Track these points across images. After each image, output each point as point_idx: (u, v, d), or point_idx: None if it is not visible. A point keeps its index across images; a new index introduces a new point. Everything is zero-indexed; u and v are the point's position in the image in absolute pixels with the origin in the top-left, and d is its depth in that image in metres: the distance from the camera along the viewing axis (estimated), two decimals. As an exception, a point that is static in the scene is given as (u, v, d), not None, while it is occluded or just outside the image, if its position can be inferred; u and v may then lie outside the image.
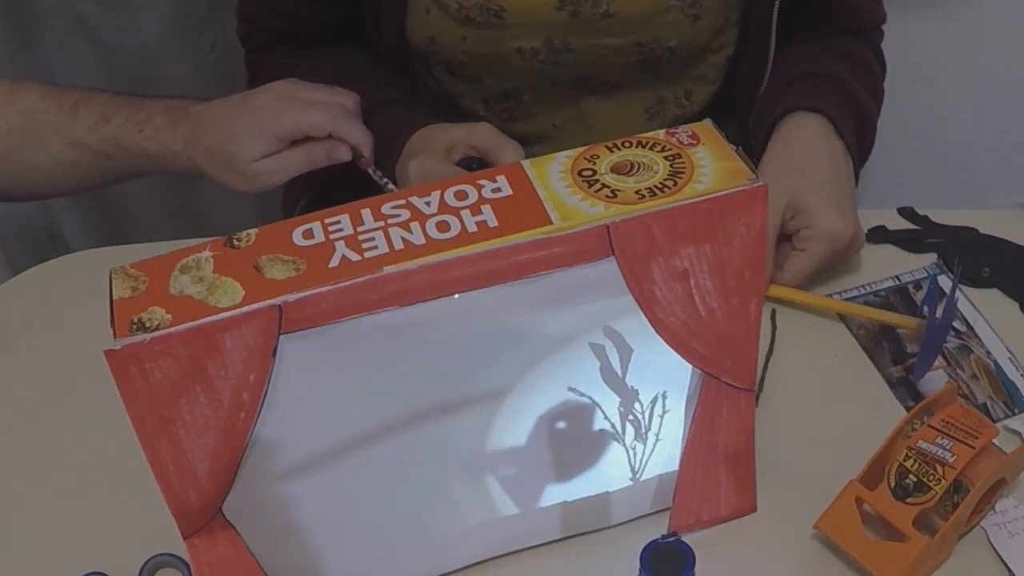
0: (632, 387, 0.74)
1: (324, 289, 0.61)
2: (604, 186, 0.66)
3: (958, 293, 0.98)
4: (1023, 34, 1.53)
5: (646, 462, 0.79)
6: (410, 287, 0.62)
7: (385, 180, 1.00)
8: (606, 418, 0.75)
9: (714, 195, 0.65)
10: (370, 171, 1.00)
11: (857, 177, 1.06)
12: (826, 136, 1.02)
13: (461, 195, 0.66)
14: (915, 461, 0.78)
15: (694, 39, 1.10)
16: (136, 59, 1.45)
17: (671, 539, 0.66)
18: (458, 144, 0.99)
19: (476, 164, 0.99)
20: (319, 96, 1.00)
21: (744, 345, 0.73)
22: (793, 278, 0.97)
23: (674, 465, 0.79)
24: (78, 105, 1.02)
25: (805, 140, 1.02)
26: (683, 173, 0.66)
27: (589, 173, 0.67)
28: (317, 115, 0.98)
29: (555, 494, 0.78)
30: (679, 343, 0.71)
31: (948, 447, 0.78)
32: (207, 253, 0.62)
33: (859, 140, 1.07)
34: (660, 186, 0.65)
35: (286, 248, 0.63)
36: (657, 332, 0.70)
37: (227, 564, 0.70)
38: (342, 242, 0.63)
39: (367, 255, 0.62)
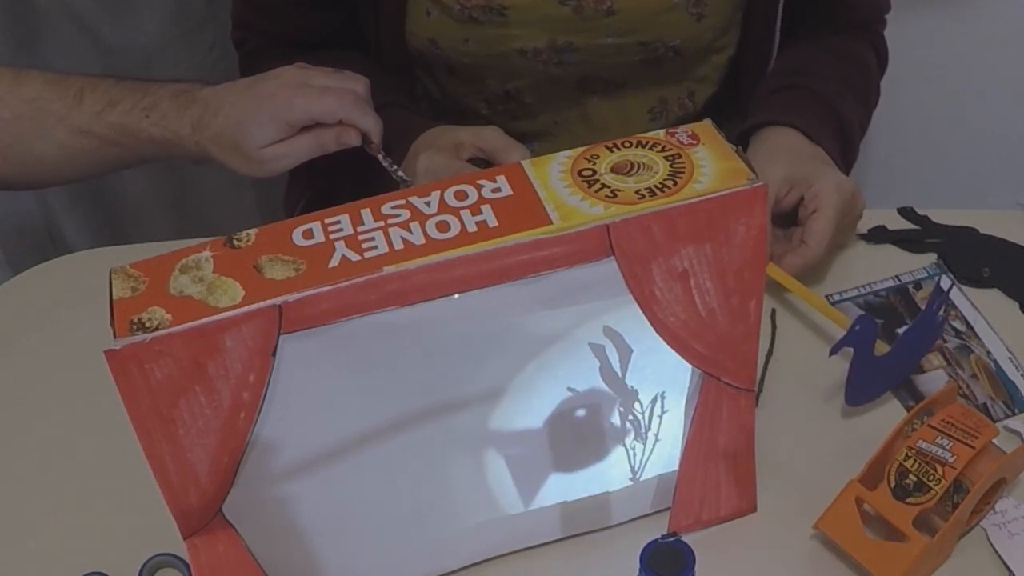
0: (632, 387, 0.74)
1: (324, 289, 0.61)
2: (604, 186, 0.66)
3: (957, 293, 0.98)
4: (1023, 34, 1.53)
5: (646, 462, 0.79)
6: (410, 287, 0.62)
7: (395, 167, 1.00)
8: (606, 418, 0.75)
9: (714, 195, 0.65)
10: (379, 157, 1.00)
11: None
12: (803, 136, 1.04)
13: (461, 195, 0.66)
14: (915, 461, 0.78)
15: (698, 38, 1.10)
16: (136, 59, 1.45)
17: (671, 539, 0.66)
18: (466, 144, 1.00)
19: (483, 165, 0.99)
20: (330, 82, 1.00)
21: (744, 345, 0.73)
22: (819, 244, 0.95)
23: (674, 465, 0.79)
24: (83, 92, 1.01)
25: (783, 136, 1.04)
26: (683, 173, 0.66)
27: (589, 173, 0.67)
28: (328, 101, 0.98)
29: (555, 494, 0.78)
30: (679, 343, 0.71)
31: (948, 447, 0.78)
32: (207, 253, 0.62)
33: (842, 153, 1.08)
34: (660, 186, 0.66)
35: (286, 248, 0.63)
36: (657, 332, 0.70)
37: (227, 564, 0.70)
38: (342, 242, 0.63)
39: (367, 255, 0.62)
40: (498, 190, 0.66)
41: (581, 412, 0.74)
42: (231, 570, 0.70)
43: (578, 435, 0.76)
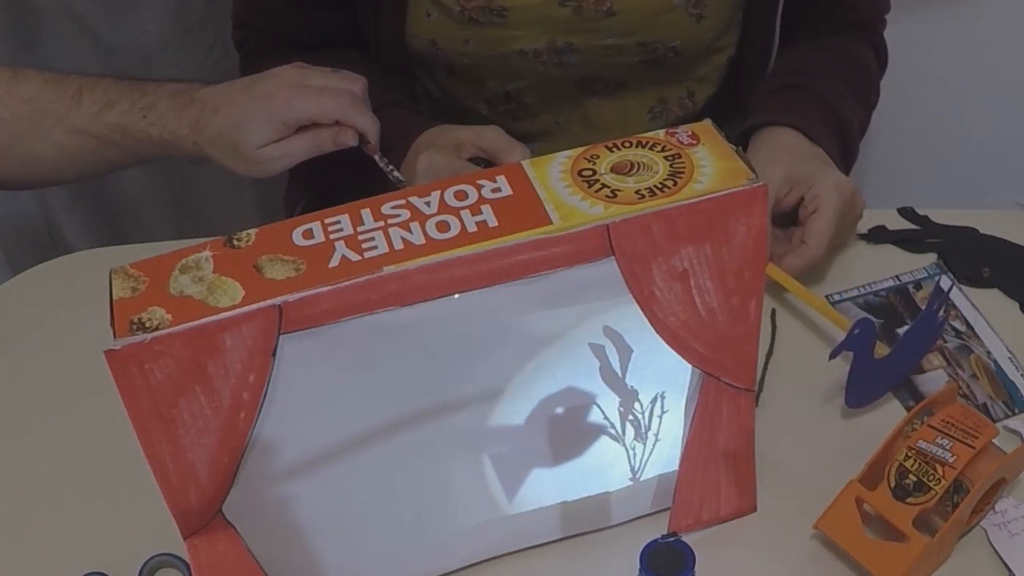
0: (632, 387, 0.74)
1: (324, 289, 0.61)
2: (604, 186, 0.66)
3: (957, 293, 0.98)
4: (1023, 34, 1.53)
5: (646, 462, 0.79)
6: (410, 287, 0.62)
7: (391, 168, 1.00)
8: (606, 418, 0.75)
9: (714, 195, 0.65)
10: (376, 158, 1.00)
11: None
12: (802, 136, 1.04)
13: (461, 195, 0.66)
14: (915, 461, 0.78)
15: (698, 39, 1.10)
16: (136, 59, 1.45)
17: (671, 539, 0.66)
18: (466, 144, 1.00)
19: (484, 165, 0.99)
20: (327, 82, 1.00)
21: (744, 345, 0.73)
22: (819, 244, 0.95)
23: (674, 465, 0.79)
24: (81, 92, 1.01)
25: (783, 136, 1.04)
26: (683, 173, 0.66)
27: (589, 173, 0.67)
28: (326, 102, 0.97)
29: (555, 494, 0.78)
30: (679, 343, 0.71)
31: (948, 447, 0.78)
32: (207, 253, 0.62)
33: (842, 154, 1.08)
34: (660, 186, 0.66)
35: (286, 248, 0.63)
36: (657, 332, 0.70)
37: (227, 564, 0.70)
38: (342, 242, 0.63)
39: (367, 255, 0.62)
40: (498, 190, 0.66)
41: (581, 412, 0.74)
42: (231, 570, 0.70)
43: (578, 435, 0.76)
